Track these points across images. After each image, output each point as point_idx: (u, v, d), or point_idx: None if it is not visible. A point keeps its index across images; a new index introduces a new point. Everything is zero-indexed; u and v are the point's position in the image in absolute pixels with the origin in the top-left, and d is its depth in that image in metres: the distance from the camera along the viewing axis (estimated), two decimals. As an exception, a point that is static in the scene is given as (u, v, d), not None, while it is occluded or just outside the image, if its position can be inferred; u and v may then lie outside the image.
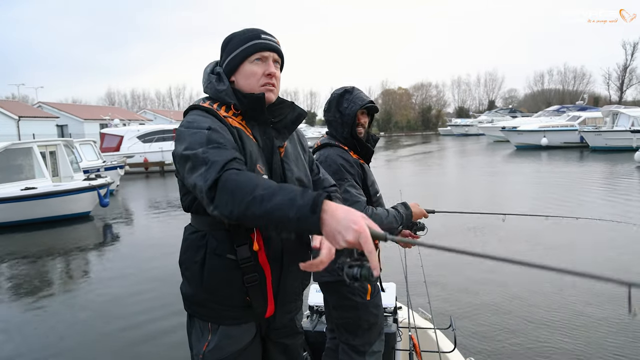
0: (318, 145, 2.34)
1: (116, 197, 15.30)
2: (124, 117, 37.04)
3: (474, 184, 14.82)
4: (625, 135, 22.61)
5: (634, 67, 59.63)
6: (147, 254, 8.01)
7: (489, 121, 42.73)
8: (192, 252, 1.52)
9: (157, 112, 54.03)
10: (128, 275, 6.83)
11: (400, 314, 2.97)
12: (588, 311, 4.61)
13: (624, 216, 8.65)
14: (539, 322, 4.43)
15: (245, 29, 1.61)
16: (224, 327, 1.52)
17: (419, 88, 74.39)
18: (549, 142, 26.99)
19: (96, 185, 11.27)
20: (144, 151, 24.67)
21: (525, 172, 17.58)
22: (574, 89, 67.36)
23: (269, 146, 1.57)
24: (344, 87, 2.35)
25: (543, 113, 38.95)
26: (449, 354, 2.70)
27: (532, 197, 11.61)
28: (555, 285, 5.33)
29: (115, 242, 9.41)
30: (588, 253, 6.67)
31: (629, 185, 13.20)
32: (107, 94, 71.97)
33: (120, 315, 5.16)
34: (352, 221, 1.09)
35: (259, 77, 1.55)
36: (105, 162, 16.93)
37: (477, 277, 5.76)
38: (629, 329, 4.17)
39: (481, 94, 75.40)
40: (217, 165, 1.29)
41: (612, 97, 60.62)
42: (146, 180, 21.62)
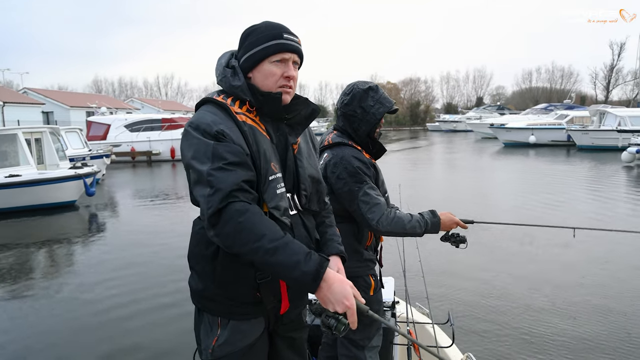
0: (329, 143, 2.25)
1: (102, 187, 15.08)
2: (111, 105, 36.53)
3: (468, 183, 14.90)
4: (611, 134, 22.91)
5: (620, 67, 60.50)
6: (133, 244, 7.90)
7: (477, 118, 43.06)
8: (203, 247, 1.51)
9: (145, 101, 53.35)
10: (112, 264, 6.72)
11: (399, 309, 2.97)
12: (587, 310, 4.65)
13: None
14: (537, 319, 4.46)
15: (267, 24, 1.55)
16: (234, 322, 1.51)
17: (408, 83, 74.58)
18: (537, 140, 27.25)
19: (82, 174, 11.08)
20: (131, 140, 24.37)
21: (517, 170, 17.74)
22: (561, 87, 68.13)
23: (282, 143, 1.57)
24: (366, 83, 2.27)
25: (531, 111, 39.29)
26: (446, 349, 2.71)
27: (525, 195, 11.72)
28: (555, 284, 5.36)
29: (100, 231, 9.27)
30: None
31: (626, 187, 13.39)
32: (94, 81, 70.63)
33: (103, 305, 5.08)
34: (344, 297, 1.29)
35: (277, 79, 1.52)
36: (92, 151, 16.66)
37: (476, 274, 5.78)
38: (626, 330, 4.21)
39: (469, 90, 75.89)
40: (221, 194, 1.32)
41: (599, 97, 61.39)
42: (133, 170, 21.36)
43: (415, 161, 21.95)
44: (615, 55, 59.40)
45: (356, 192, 2.10)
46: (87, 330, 4.56)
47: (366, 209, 2.09)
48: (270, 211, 1.44)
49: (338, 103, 2.33)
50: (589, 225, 4.00)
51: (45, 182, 10.73)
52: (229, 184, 1.33)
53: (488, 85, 75.22)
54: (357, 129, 2.24)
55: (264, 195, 1.44)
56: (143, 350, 4.10)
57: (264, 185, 1.44)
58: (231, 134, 1.41)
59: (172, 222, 9.67)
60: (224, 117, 1.45)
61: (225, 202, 1.31)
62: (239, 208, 1.32)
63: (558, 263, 6.10)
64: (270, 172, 1.46)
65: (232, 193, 1.32)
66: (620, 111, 24.78)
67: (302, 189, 1.59)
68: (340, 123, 2.30)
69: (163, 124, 24.92)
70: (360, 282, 2.21)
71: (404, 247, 2.90)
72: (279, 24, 1.55)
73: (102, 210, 11.38)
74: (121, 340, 4.30)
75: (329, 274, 1.31)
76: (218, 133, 1.40)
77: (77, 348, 4.24)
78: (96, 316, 4.85)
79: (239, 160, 1.38)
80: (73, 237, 8.72)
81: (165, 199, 12.87)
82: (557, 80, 69.76)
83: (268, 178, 1.45)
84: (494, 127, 30.28)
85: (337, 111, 2.37)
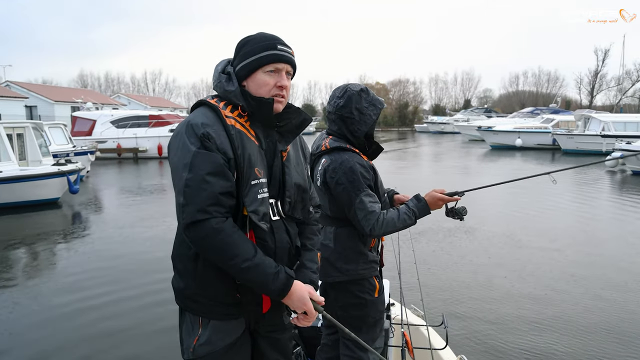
0: (327, 148, 2.26)
1: (86, 184, 14.84)
2: (97, 100, 35.99)
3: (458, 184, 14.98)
4: (596, 139, 23.24)
5: (604, 73, 61.53)
6: (117, 243, 7.75)
7: (465, 120, 43.40)
8: (186, 247, 1.55)
9: (132, 97, 52.64)
10: (96, 264, 6.59)
11: (393, 311, 2.99)
12: (583, 313, 4.68)
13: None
14: (531, 322, 4.49)
15: (261, 35, 1.61)
16: (214, 321, 1.56)
17: (397, 84, 74.82)
18: (523, 143, 27.55)
19: (66, 171, 10.87)
20: (117, 137, 24.06)
21: (505, 172, 17.91)
22: (547, 91, 68.96)
23: (271, 149, 1.61)
24: (358, 85, 2.31)
25: (518, 114, 39.73)
26: (440, 351, 2.72)
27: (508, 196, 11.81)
28: (549, 287, 5.40)
29: (84, 229, 9.09)
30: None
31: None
32: (79, 75, 69.35)
33: (86, 305, 4.97)
34: (303, 303, 1.51)
35: (270, 88, 1.56)
36: (76, 147, 16.37)
37: (470, 276, 5.80)
38: (623, 333, 4.23)
39: (457, 92, 76.38)
40: (195, 207, 1.40)
41: (583, 101, 62.35)
42: (119, 167, 21.07)
43: (403, 166, 22.03)
44: (599, 61, 60.42)
45: (353, 198, 2.14)
46: (66, 329, 4.46)
47: (361, 216, 2.14)
48: (249, 214, 1.49)
49: (331, 107, 2.31)
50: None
51: (27, 179, 10.50)
52: (203, 198, 1.40)
53: (476, 87, 75.93)
54: (355, 131, 2.27)
55: (245, 199, 1.49)
56: (123, 349, 4.03)
57: (245, 189, 1.49)
58: (217, 138, 1.46)
59: (157, 220, 9.53)
60: (213, 120, 1.50)
61: (199, 217, 1.40)
62: (214, 226, 1.41)
63: (556, 266, 6.13)
64: (253, 176, 1.50)
65: (207, 208, 1.40)
66: (605, 116, 25.16)
67: (286, 196, 1.63)
68: (335, 127, 2.31)
69: (150, 121, 24.64)
70: (366, 284, 2.26)
71: (400, 249, 2.89)
72: (274, 35, 1.61)
73: (86, 208, 11.19)
74: (100, 339, 4.23)
75: (292, 290, 1.50)
76: (204, 136, 1.45)
77: (55, 345, 4.16)
78: (76, 314, 4.76)
79: (217, 171, 1.43)
80: (55, 235, 8.54)
81: (152, 196, 12.71)
82: (543, 84, 70.75)
83: (250, 182, 1.50)
84: (481, 130, 30.52)
85: (328, 115, 2.35)
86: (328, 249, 2.24)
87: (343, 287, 2.25)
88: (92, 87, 63.23)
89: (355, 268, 2.24)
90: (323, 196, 2.24)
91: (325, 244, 2.24)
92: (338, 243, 2.24)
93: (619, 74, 52.88)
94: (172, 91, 71.49)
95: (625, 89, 55.24)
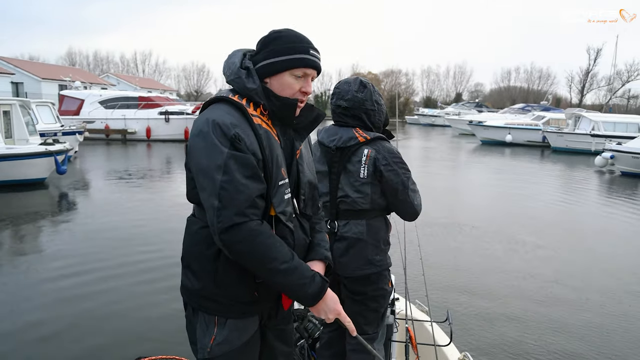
0: (367, 139, 2.26)
1: (74, 164, 14.59)
2: (86, 79, 35.38)
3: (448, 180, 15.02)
4: (585, 138, 23.41)
5: (595, 72, 62.06)
6: (105, 226, 7.61)
7: (456, 113, 43.44)
8: (203, 247, 1.51)
9: (121, 78, 51.77)
10: (83, 247, 6.46)
11: (398, 306, 2.97)
12: (586, 311, 4.70)
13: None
14: (535, 319, 4.49)
15: (294, 35, 1.54)
16: (231, 320, 1.54)
17: (389, 75, 74.53)
18: (513, 139, 27.64)
19: (54, 151, 10.65)
20: (105, 117, 23.67)
21: (494, 168, 18.01)
22: (538, 88, 69.37)
23: (289, 147, 1.60)
24: (366, 79, 2.38)
25: (508, 110, 39.88)
26: (444, 347, 2.70)
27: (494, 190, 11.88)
28: (554, 284, 5.41)
29: (70, 210, 8.94)
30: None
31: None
32: (67, 53, 67.46)
33: (72, 290, 4.87)
34: (335, 307, 1.52)
35: (294, 92, 1.53)
36: (64, 127, 16.05)
37: (477, 273, 5.78)
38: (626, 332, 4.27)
39: (449, 85, 76.37)
40: (233, 210, 1.36)
41: (573, 100, 62.95)
42: (107, 148, 20.76)
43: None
44: (591, 60, 60.89)
45: (406, 181, 2.24)
46: (50, 312, 4.38)
47: (414, 196, 2.26)
48: (277, 215, 1.49)
49: (351, 103, 2.28)
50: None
51: (13, 158, 10.28)
52: (241, 201, 1.37)
53: (468, 81, 75.99)
54: (376, 122, 2.34)
55: (273, 200, 1.47)
56: (104, 336, 3.96)
57: (274, 190, 1.47)
58: (246, 139, 1.42)
59: (146, 203, 9.41)
60: (240, 120, 1.44)
61: (238, 221, 1.36)
62: (253, 228, 1.38)
63: (564, 265, 6.15)
64: (280, 177, 1.49)
65: (245, 211, 1.38)
66: (595, 116, 25.32)
67: (301, 194, 1.63)
68: (358, 121, 2.31)
69: (140, 102, 24.24)
70: (387, 275, 2.36)
71: (406, 244, 2.85)
72: (306, 37, 1.56)
73: (73, 189, 10.99)
74: (86, 322, 4.17)
75: (326, 295, 1.50)
76: (235, 137, 1.39)
77: (40, 326, 4.07)
78: (62, 299, 4.68)
79: (251, 173, 1.41)
80: (41, 216, 8.37)
81: (140, 179, 12.53)
82: (534, 81, 71.04)
83: (278, 183, 1.48)
84: (472, 124, 30.57)
85: (346, 111, 2.30)
86: (360, 242, 2.25)
87: (373, 278, 2.30)
88: (81, 66, 61.88)
89: (384, 258, 2.32)
90: (365, 188, 2.24)
91: (358, 237, 2.26)
92: (371, 235, 2.27)
93: (609, 74, 53.47)
94: (162, 72, 70.25)
95: (615, 89, 55.88)
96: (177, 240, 7.02)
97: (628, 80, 57.29)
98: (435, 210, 8.72)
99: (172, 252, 6.15)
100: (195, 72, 68.73)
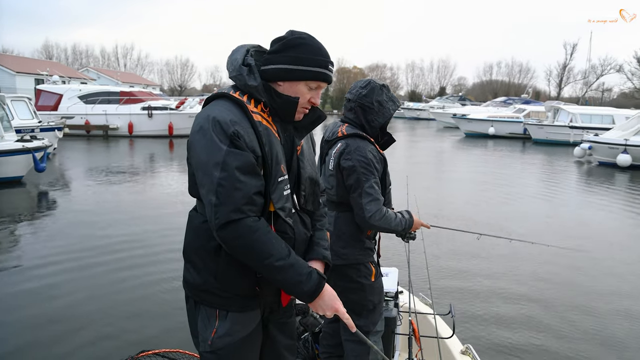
0: (344, 134, 2.36)
1: (53, 162, 14.30)
2: (64, 73, 34.56)
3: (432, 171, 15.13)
4: (564, 130, 23.93)
5: (572, 67, 63.51)
6: (86, 225, 7.46)
7: (440, 107, 43.75)
8: (204, 240, 1.54)
9: (102, 72, 50.76)
10: (62, 247, 6.33)
11: (402, 299, 3.02)
12: (589, 309, 4.71)
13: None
14: (537, 314, 4.52)
15: (316, 46, 1.56)
16: (232, 313, 1.56)
17: (374, 69, 74.53)
18: (496, 131, 28.07)
19: (32, 148, 10.41)
20: (85, 113, 23.21)
21: (478, 159, 18.21)
22: (519, 81, 70.22)
23: (289, 144, 1.62)
24: (380, 81, 2.45)
25: (491, 103, 40.35)
26: (447, 339, 2.74)
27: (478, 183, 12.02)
28: (557, 280, 5.44)
29: (49, 209, 8.76)
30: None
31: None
32: (44, 46, 65.45)
33: (52, 294, 4.78)
34: (333, 304, 1.53)
35: (304, 100, 1.57)
36: (42, 122, 15.69)
37: (480, 266, 5.80)
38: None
39: (433, 79, 76.64)
40: (230, 207, 1.38)
41: (552, 93, 64.10)
42: (87, 144, 20.38)
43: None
44: (568, 54, 62.16)
45: (364, 182, 2.23)
46: (26, 316, 4.27)
47: (367, 200, 2.22)
48: (277, 211, 1.51)
49: (352, 95, 2.40)
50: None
51: (-12, 155, 10.00)
52: (238, 198, 1.39)
53: (451, 75, 76.43)
54: (372, 121, 2.37)
55: (272, 196, 1.49)
56: (106, 330, 3.90)
57: (273, 186, 1.50)
58: (245, 136, 1.43)
59: (128, 201, 9.28)
60: (240, 117, 1.46)
61: (234, 217, 1.38)
62: (250, 225, 1.40)
63: (568, 263, 6.14)
64: (280, 173, 1.52)
65: (242, 208, 1.40)
66: (573, 108, 25.85)
67: (301, 190, 1.65)
68: (352, 115, 2.41)
69: (121, 97, 23.81)
70: (362, 269, 2.36)
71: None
72: (326, 50, 1.58)
73: (52, 187, 10.76)
74: (68, 323, 4.09)
75: (323, 291, 1.50)
76: (234, 134, 1.41)
77: (11, 333, 3.96)
78: (38, 302, 4.58)
79: (249, 170, 1.42)
80: (18, 216, 8.19)
81: (122, 176, 12.34)
82: (515, 74, 71.80)
83: (277, 179, 1.51)
84: (456, 117, 30.96)
85: (347, 103, 2.42)
86: (330, 234, 2.29)
87: (340, 271, 2.33)
88: (58, 59, 60.39)
89: (352, 252, 2.34)
90: (332, 180, 2.35)
91: (327, 228, 2.30)
92: (337, 227, 2.34)
93: (585, 68, 54.58)
94: (144, 67, 68.98)
95: (590, 82, 57.24)
96: (161, 237, 6.95)
97: (602, 74, 58.73)
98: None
99: (159, 247, 6.14)
100: (179, 67, 67.74)
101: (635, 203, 10.46)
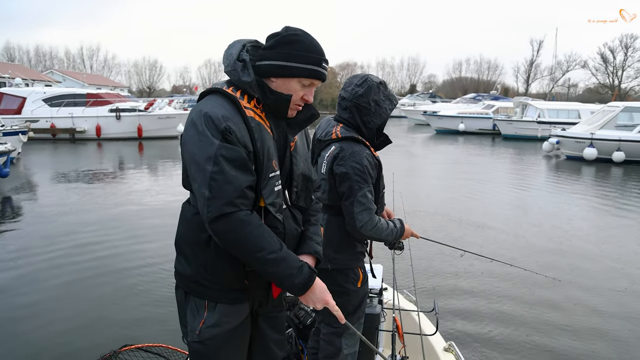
0: (338, 137, 2.24)
1: (17, 166, 13.78)
2: (27, 76, 33.39)
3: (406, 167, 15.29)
4: (532, 125, 24.54)
5: (538, 63, 65.22)
6: (52, 231, 7.20)
7: (411, 104, 44.30)
8: (196, 233, 1.55)
9: (67, 74, 49.30)
10: (30, 255, 6.08)
11: (386, 295, 3.00)
12: (581, 306, 4.74)
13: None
14: (518, 312, 4.54)
15: (310, 43, 1.56)
16: (221, 305, 1.58)
17: (345, 67, 74.77)
18: (466, 127, 28.62)
19: (-7, 153, 9.99)
20: (50, 116, 22.45)
21: (450, 156, 18.50)
22: (487, 78, 71.82)
23: (282, 140, 1.62)
24: (377, 77, 2.29)
25: (461, 100, 41.08)
26: (430, 336, 2.74)
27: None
28: (541, 278, 5.45)
29: (15, 216, 8.41)
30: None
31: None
32: (4, 48, 62.98)
33: (20, 303, 4.58)
34: (323, 297, 1.56)
35: (296, 97, 1.57)
36: (4, 126, 15.09)
37: (464, 264, 5.79)
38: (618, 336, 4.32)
39: (404, 77, 77.55)
40: (222, 201, 1.40)
41: (520, 89, 65.75)
42: (53, 148, 19.73)
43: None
44: (534, 51, 63.80)
45: (357, 190, 2.13)
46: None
47: (359, 210, 2.13)
48: (267, 207, 1.52)
49: (347, 94, 2.25)
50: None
51: (-53, 161, 9.55)
52: (231, 191, 1.40)
53: (421, 73, 77.49)
54: (368, 122, 2.25)
55: (263, 191, 1.50)
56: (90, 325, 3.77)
57: (264, 182, 1.51)
58: (237, 131, 1.44)
59: (96, 205, 9.00)
60: (233, 112, 1.47)
61: (227, 210, 1.40)
62: (243, 218, 1.42)
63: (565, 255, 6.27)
64: (271, 169, 1.53)
65: (234, 201, 1.41)
66: (540, 104, 26.57)
67: (293, 186, 1.66)
68: (347, 114, 2.27)
69: (88, 100, 23.14)
70: (351, 274, 2.30)
71: None
72: (321, 47, 1.58)
73: (17, 193, 10.36)
74: (39, 319, 3.92)
75: (314, 285, 1.53)
76: (226, 130, 1.42)
77: None
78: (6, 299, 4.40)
79: (241, 165, 1.43)
80: (-17, 223, 7.83)
81: (91, 180, 11.99)
82: (484, 71, 73.36)
83: (268, 175, 1.52)
84: (427, 115, 31.34)
85: (342, 102, 2.29)
86: None
87: (328, 274, 2.25)
88: (21, 62, 58.30)
89: (343, 258, 2.26)
90: (324, 184, 2.23)
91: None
92: (329, 231, 2.23)
93: (551, 64, 56.18)
94: (111, 69, 67.26)
95: (556, 78, 58.90)
96: (131, 237, 6.71)
97: (568, 70, 60.61)
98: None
99: (129, 247, 5.98)
100: (147, 68, 66.35)
101: (606, 196, 10.83)
